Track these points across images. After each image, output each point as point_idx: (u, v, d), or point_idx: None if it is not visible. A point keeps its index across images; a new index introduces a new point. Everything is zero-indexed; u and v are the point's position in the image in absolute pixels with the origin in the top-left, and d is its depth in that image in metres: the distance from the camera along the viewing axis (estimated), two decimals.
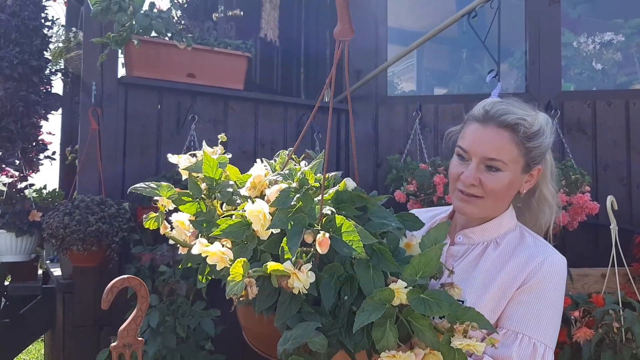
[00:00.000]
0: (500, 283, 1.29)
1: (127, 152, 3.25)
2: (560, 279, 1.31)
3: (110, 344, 0.99)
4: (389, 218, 1.09)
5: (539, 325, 1.25)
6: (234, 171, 1.20)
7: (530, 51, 3.69)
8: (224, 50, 3.46)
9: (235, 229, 1.03)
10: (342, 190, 1.11)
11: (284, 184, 1.08)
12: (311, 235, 0.98)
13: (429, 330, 0.94)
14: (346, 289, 0.98)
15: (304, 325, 0.93)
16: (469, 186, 1.32)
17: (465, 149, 1.34)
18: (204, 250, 0.99)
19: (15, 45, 2.94)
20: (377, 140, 3.81)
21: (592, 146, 3.59)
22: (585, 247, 3.38)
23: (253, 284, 0.93)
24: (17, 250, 3.11)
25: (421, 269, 0.98)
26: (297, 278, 0.92)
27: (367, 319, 0.90)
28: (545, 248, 1.34)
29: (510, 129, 1.29)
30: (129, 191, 1.20)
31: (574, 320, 2.06)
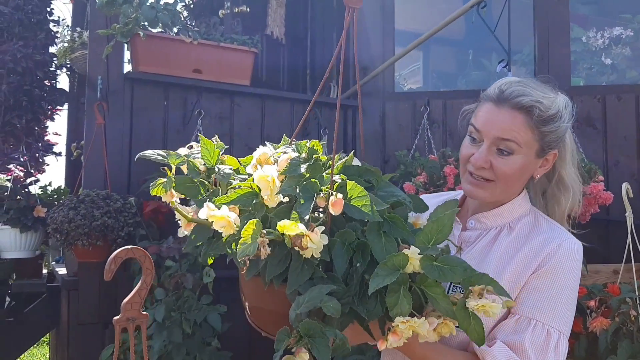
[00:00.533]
0: (515, 268, 1.25)
1: (132, 148, 3.22)
2: (576, 264, 1.26)
3: (114, 318, 0.95)
4: (396, 192, 1.07)
5: (554, 312, 1.20)
6: (232, 161, 1.18)
7: (539, 46, 3.65)
8: (230, 46, 3.44)
9: (243, 198, 1.02)
10: (350, 165, 1.09)
11: (293, 153, 1.06)
12: (323, 200, 0.96)
13: (443, 298, 0.92)
14: (358, 256, 0.96)
15: (317, 288, 0.91)
16: (479, 169, 1.27)
17: (478, 128, 1.29)
18: (211, 215, 0.95)
19: (19, 39, 2.92)
20: (384, 136, 3.77)
21: (602, 141, 3.55)
22: (596, 244, 3.31)
23: (266, 244, 0.90)
24: (21, 246, 3.08)
25: (434, 236, 0.96)
26: (311, 239, 0.90)
27: (381, 283, 0.88)
28: (561, 232, 1.30)
29: (525, 111, 1.24)
30: (137, 158, 1.18)
31: (590, 310, 2.02)
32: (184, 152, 1.15)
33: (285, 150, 1.10)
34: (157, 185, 1.10)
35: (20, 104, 2.92)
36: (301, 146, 1.08)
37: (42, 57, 3.01)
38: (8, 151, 2.94)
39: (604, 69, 4.12)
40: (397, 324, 0.89)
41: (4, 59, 2.85)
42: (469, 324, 0.92)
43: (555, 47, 3.63)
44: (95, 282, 2.96)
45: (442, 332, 0.93)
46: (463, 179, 1.34)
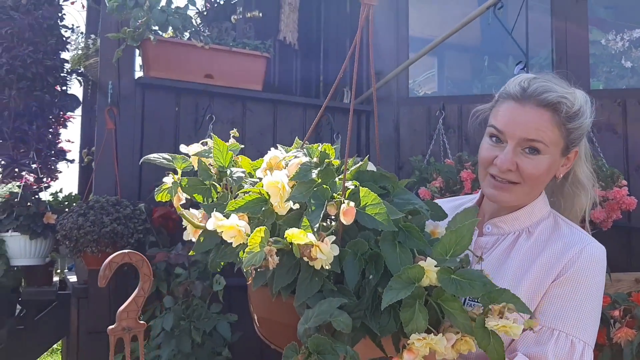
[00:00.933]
0: (535, 276, 1.19)
1: (143, 153, 3.19)
2: (600, 270, 1.20)
3: (108, 327, 0.90)
4: (413, 199, 1.01)
5: (577, 321, 1.14)
6: (245, 161, 1.13)
7: (556, 49, 3.57)
8: (242, 51, 3.40)
9: (252, 205, 0.96)
10: (364, 170, 1.03)
11: (304, 158, 1.01)
12: (334, 207, 0.90)
13: (460, 313, 0.85)
14: (371, 268, 0.90)
15: (327, 302, 0.85)
16: (505, 172, 1.21)
17: (501, 130, 1.22)
18: (219, 225, 0.90)
19: (29, 44, 2.90)
20: (398, 141, 3.71)
21: (623, 146, 3.45)
22: (617, 252, 3.23)
23: (273, 253, 0.85)
24: (31, 253, 3.04)
25: (452, 247, 0.89)
26: (320, 250, 0.84)
27: (395, 297, 0.82)
28: (582, 236, 1.23)
29: (552, 108, 1.18)
30: (141, 162, 1.15)
31: (614, 320, 1.93)
32: (197, 148, 1.11)
33: (296, 154, 1.04)
34: (162, 190, 1.06)
35: (30, 110, 2.90)
36: (313, 150, 1.03)
37: (53, 63, 2.99)
38: (18, 157, 2.91)
39: (624, 72, 4.03)
40: (413, 341, 0.82)
41: (14, 64, 2.84)
42: (488, 343, 0.86)
43: (574, 49, 3.55)
44: (105, 290, 2.92)
45: (460, 349, 0.86)
46: (484, 183, 1.28)
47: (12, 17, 2.88)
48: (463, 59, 6.09)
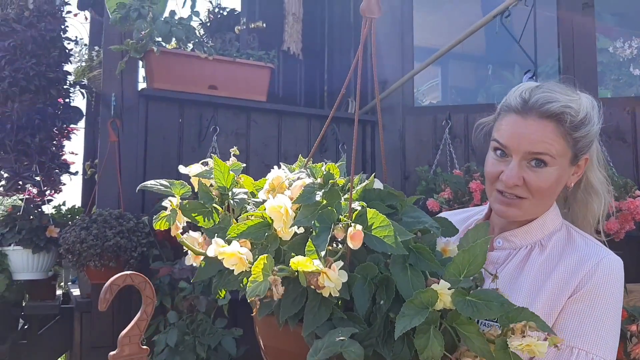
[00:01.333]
0: (550, 292, 1.14)
1: (147, 166, 3.16)
2: (617, 283, 1.15)
3: (110, 354, 0.85)
4: (422, 217, 0.96)
5: (597, 338, 1.09)
6: (248, 180, 1.09)
7: (563, 58, 3.53)
8: (246, 62, 3.37)
9: (254, 230, 0.92)
10: (371, 188, 0.99)
11: (307, 179, 0.97)
12: (341, 231, 0.86)
13: (477, 337, 0.81)
14: (381, 293, 0.86)
15: (337, 332, 0.81)
16: (512, 187, 1.16)
17: (504, 144, 1.18)
18: (220, 252, 0.86)
19: (32, 56, 2.87)
20: (404, 151, 3.67)
21: (632, 155, 3.40)
22: (628, 262, 3.16)
23: (278, 283, 0.81)
24: (34, 267, 3.01)
25: (465, 268, 0.85)
26: (328, 277, 0.80)
27: (408, 324, 0.78)
28: (598, 248, 1.19)
29: (555, 119, 1.14)
30: (138, 189, 1.12)
31: (630, 335, 1.88)
32: (197, 169, 1.06)
33: (299, 175, 1.00)
34: (161, 219, 1.01)
35: (32, 123, 2.88)
36: (316, 170, 0.98)
37: (56, 75, 2.97)
38: (21, 170, 2.88)
39: (633, 79, 3.99)
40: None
41: (17, 77, 2.81)
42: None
43: (581, 58, 3.51)
44: (109, 305, 2.87)
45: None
46: (492, 199, 1.23)
47: (15, 30, 2.86)
48: (467, 68, 6.08)
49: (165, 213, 1.01)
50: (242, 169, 1.10)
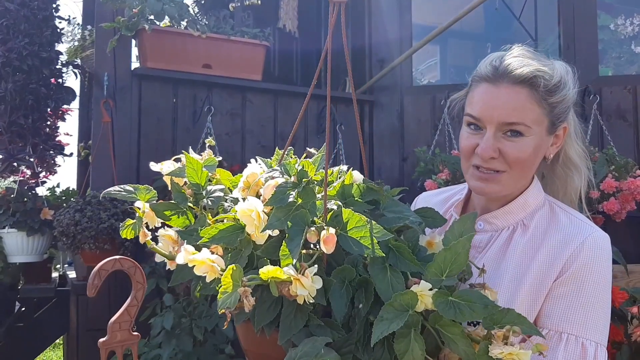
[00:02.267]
0: (535, 275, 1.10)
1: (141, 146, 3.12)
2: (605, 262, 1.10)
3: (100, 340, 0.83)
4: (405, 212, 0.94)
5: (585, 321, 1.06)
6: (225, 175, 1.05)
7: (564, 35, 3.48)
8: (241, 39, 3.31)
9: (226, 234, 0.88)
10: (349, 184, 0.95)
11: (280, 179, 0.93)
12: (315, 234, 0.83)
13: (461, 339, 0.78)
14: (360, 296, 0.83)
15: (311, 340, 0.78)
16: (488, 160, 1.11)
17: (477, 116, 1.12)
18: (190, 259, 0.83)
19: (25, 36, 2.81)
20: (402, 132, 3.63)
21: (633, 134, 3.36)
22: (630, 242, 3.15)
23: (248, 294, 0.77)
24: (29, 250, 2.98)
25: (447, 267, 0.82)
26: (301, 284, 0.77)
27: (387, 329, 0.75)
28: (582, 226, 1.14)
29: (528, 84, 1.09)
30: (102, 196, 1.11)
31: (631, 317, 1.86)
32: (170, 166, 1.02)
33: (272, 173, 0.95)
34: (127, 227, 0.98)
35: (26, 103, 2.82)
36: (290, 166, 0.94)
37: (48, 55, 2.91)
38: (15, 152, 2.84)
39: (634, 57, 3.92)
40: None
41: (10, 57, 2.75)
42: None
43: (582, 35, 3.45)
44: (105, 287, 2.85)
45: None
46: (468, 176, 1.18)
47: (8, 9, 2.79)
48: (466, 46, 6.00)
49: (130, 221, 0.98)
50: (217, 164, 1.05)
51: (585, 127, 3.25)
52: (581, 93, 3.35)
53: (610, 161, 2.47)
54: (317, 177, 0.93)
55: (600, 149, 3.15)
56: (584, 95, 3.32)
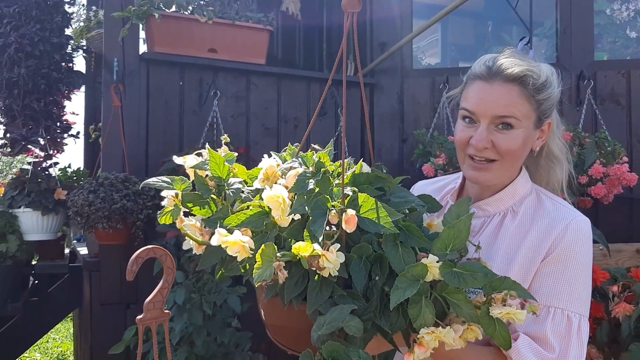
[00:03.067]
0: (524, 255, 1.22)
1: (149, 129, 3.22)
2: (587, 243, 1.23)
3: (137, 317, 0.96)
4: (409, 197, 1.05)
5: (570, 295, 1.18)
6: (242, 169, 1.15)
7: (561, 20, 3.56)
8: (245, 24, 3.39)
9: (254, 219, 0.99)
10: (359, 173, 1.06)
11: (300, 169, 1.04)
12: (336, 216, 0.94)
13: (465, 303, 0.90)
14: (376, 270, 0.94)
15: (338, 308, 0.90)
16: (482, 150, 1.23)
17: (472, 110, 1.24)
18: (223, 241, 0.93)
19: (36, 22, 2.91)
20: (402, 114, 3.72)
21: (626, 117, 3.47)
22: (619, 223, 3.28)
23: (282, 267, 0.89)
24: (43, 229, 3.11)
25: (451, 242, 0.94)
26: (327, 259, 0.88)
27: (402, 296, 0.87)
28: (566, 211, 1.26)
29: (519, 82, 1.21)
30: (142, 186, 1.18)
31: (612, 295, 1.99)
32: (193, 160, 1.11)
33: (292, 164, 1.07)
34: (165, 214, 1.08)
35: (38, 88, 2.93)
36: (308, 158, 1.05)
37: (59, 40, 3.00)
38: (29, 135, 2.96)
39: (629, 42, 3.99)
40: (423, 335, 0.87)
41: (22, 43, 2.85)
42: (494, 330, 0.91)
43: (579, 20, 3.53)
44: (116, 264, 3.00)
45: (468, 337, 0.91)
46: (464, 166, 1.30)
47: None
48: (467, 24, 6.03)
49: (169, 208, 1.07)
50: (235, 158, 1.14)
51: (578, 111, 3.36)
52: (576, 78, 3.45)
53: (600, 147, 2.58)
54: (331, 167, 1.04)
55: (593, 132, 3.26)
56: (579, 79, 3.41)
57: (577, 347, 1.15)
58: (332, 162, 1.07)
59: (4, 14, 2.94)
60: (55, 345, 6.27)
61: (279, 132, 3.56)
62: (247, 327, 2.80)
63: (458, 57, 5.98)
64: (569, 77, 3.47)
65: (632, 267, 2.21)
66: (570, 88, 3.47)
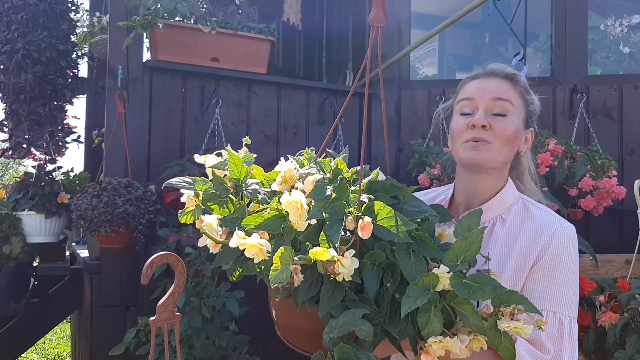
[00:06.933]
0: (514, 261, 1.28)
1: (152, 135, 3.29)
2: (573, 249, 1.30)
3: (150, 319, 1.02)
4: (422, 206, 1.08)
5: (560, 298, 1.25)
6: (259, 171, 1.18)
7: (555, 34, 3.64)
8: (247, 34, 3.47)
9: (271, 222, 1.01)
10: (375, 180, 1.09)
11: (318, 175, 1.07)
12: (352, 222, 0.96)
13: (473, 315, 0.93)
14: (388, 277, 0.97)
15: (350, 312, 0.92)
16: (480, 128, 1.29)
17: (471, 96, 1.33)
18: (242, 243, 0.96)
19: (43, 29, 2.98)
20: (399, 124, 3.80)
21: (618, 131, 3.55)
22: (609, 234, 3.36)
23: (298, 271, 0.92)
24: (46, 231, 3.18)
25: (462, 254, 0.96)
26: (342, 264, 0.91)
27: (413, 305, 0.89)
28: (552, 219, 1.33)
29: (510, 79, 1.35)
30: (164, 186, 1.20)
31: (600, 304, 2.06)
32: (212, 160, 1.15)
33: (310, 170, 1.10)
34: (186, 213, 1.12)
35: (44, 93, 3.00)
36: (325, 165, 1.08)
37: (65, 47, 3.08)
38: (34, 139, 3.03)
39: (622, 57, 4.09)
40: (431, 344, 0.91)
41: (30, 49, 2.92)
42: (500, 342, 0.94)
43: (573, 35, 3.62)
44: (117, 267, 3.06)
45: (473, 347, 0.94)
46: (461, 150, 1.34)
47: (28, 3, 2.95)
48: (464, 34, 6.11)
49: (190, 208, 1.12)
50: (253, 160, 1.18)
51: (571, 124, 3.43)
52: (569, 91, 3.53)
53: (591, 160, 2.66)
54: (347, 174, 1.07)
55: (586, 145, 3.34)
56: (572, 93, 3.50)
57: (569, 348, 1.22)
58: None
59: (11, 20, 3.01)
60: (51, 347, 6.31)
61: (279, 140, 3.63)
62: (245, 330, 2.86)
63: (455, 67, 6.06)
64: (562, 90, 3.55)
65: (620, 277, 2.29)
66: (563, 101, 3.55)
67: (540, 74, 4.27)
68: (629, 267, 2.88)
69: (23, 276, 3.29)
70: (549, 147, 2.68)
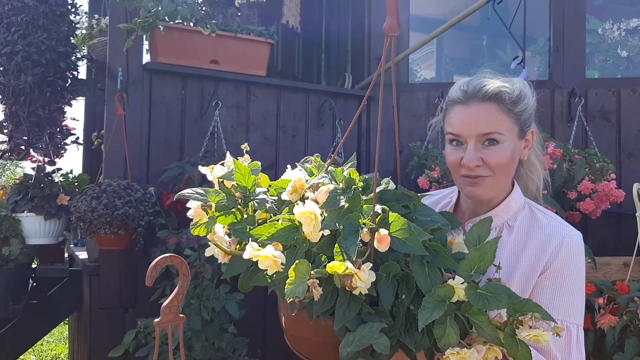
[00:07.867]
0: (523, 269, 1.28)
1: (151, 138, 3.29)
2: (581, 257, 1.30)
3: (154, 320, 1.03)
4: (434, 215, 1.07)
5: (569, 307, 1.24)
6: (266, 179, 1.17)
7: (554, 38, 3.66)
8: (247, 37, 3.48)
9: (284, 233, 1.00)
10: (387, 190, 1.08)
11: (330, 185, 1.05)
12: (368, 234, 0.95)
13: (488, 325, 0.92)
14: (403, 288, 0.96)
15: (367, 326, 0.91)
16: (474, 168, 1.29)
17: (457, 134, 1.31)
18: (256, 255, 0.94)
19: (43, 31, 2.98)
20: (398, 127, 3.79)
21: (616, 134, 3.56)
22: (607, 236, 3.37)
23: (316, 285, 0.90)
24: (45, 233, 3.18)
25: (476, 264, 0.96)
26: (360, 278, 0.89)
27: (430, 317, 0.89)
28: (560, 226, 1.33)
29: (495, 99, 1.28)
30: (176, 198, 1.18)
31: (598, 307, 2.07)
32: (219, 171, 1.14)
33: (322, 180, 1.08)
34: (199, 225, 1.10)
35: (44, 95, 3.00)
36: (337, 175, 1.06)
37: (65, 49, 3.08)
38: (33, 141, 3.03)
39: (620, 61, 4.10)
40: (448, 355, 0.90)
41: (29, 51, 2.92)
42: (517, 351, 0.93)
43: (571, 38, 3.63)
44: (116, 269, 3.06)
45: (488, 357, 0.94)
46: (460, 185, 1.36)
47: (28, 5, 2.96)
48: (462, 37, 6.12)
49: (203, 220, 1.10)
50: (260, 168, 1.16)
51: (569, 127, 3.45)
52: (568, 95, 3.55)
53: (589, 163, 2.67)
54: (360, 184, 1.06)
55: (584, 148, 3.36)
56: (570, 96, 3.51)
57: (577, 356, 1.23)
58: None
59: (11, 22, 3.01)
60: (49, 348, 6.30)
61: (278, 142, 3.64)
62: (244, 332, 2.87)
63: (453, 70, 6.06)
64: (560, 94, 3.57)
65: (619, 280, 2.30)
66: (561, 105, 3.57)
67: (539, 77, 4.28)
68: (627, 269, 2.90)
69: (22, 278, 3.29)
70: (548, 150, 2.69)
